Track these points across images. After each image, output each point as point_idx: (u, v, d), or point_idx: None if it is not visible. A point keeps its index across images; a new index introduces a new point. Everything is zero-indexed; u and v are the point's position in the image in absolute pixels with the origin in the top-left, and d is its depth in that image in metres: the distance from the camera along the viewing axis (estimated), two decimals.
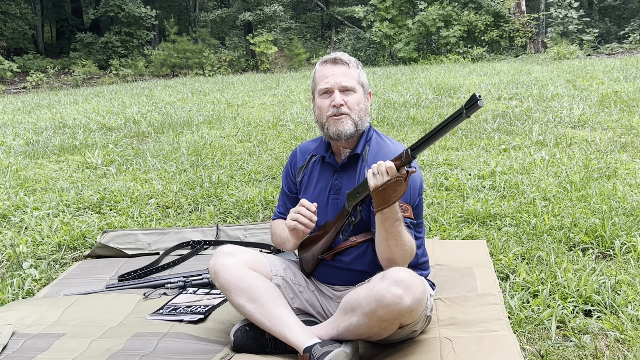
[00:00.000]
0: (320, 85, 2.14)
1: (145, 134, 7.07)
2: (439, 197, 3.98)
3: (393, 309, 1.84)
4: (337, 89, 2.11)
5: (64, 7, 26.95)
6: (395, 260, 1.98)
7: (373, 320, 1.90)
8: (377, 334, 1.97)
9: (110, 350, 2.14)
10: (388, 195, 1.86)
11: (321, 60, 2.21)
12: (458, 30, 17.97)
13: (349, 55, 2.19)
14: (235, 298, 2.08)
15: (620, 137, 5.50)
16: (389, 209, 1.90)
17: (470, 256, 2.93)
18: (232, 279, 2.07)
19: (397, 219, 1.93)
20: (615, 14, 24.17)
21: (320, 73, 2.16)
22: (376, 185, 1.87)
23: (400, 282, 1.84)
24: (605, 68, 11.09)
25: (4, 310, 2.55)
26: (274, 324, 2.04)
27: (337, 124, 2.10)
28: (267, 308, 2.05)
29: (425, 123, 6.62)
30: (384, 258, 2.01)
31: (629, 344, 2.10)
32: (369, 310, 1.88)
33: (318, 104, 2.16)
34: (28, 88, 17.90)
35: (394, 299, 1.83)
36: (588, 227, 3.17)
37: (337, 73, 2.12)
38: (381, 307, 1.85)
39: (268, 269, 2.18)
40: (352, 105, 2.11)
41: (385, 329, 1.93)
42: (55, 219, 3.91)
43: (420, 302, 1.89)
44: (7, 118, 9.20)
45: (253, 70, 21.22)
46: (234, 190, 4.41)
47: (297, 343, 1.99)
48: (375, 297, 1.86)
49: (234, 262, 2.10)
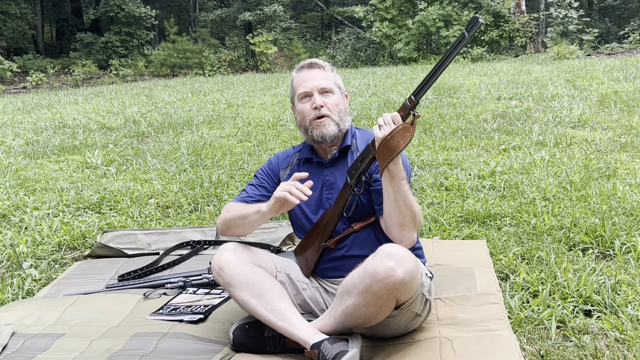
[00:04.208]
0: (299, 90, 2.22)
1: (145, 134, 7.06)
2: (439, 197, 3.98)
3: (387, 282, 1.86)
4: (316, 91, 2.19)
5: (64, 7, 26.95)
6: (406, 225, 2.02)
7: (368, 298, 1.90)
8: (374, 315, 1.96)
9: (110, 350, 2.14)
10: (396, 143, 1.92)
11: (297, 67, 2.29)
12: (458, 30, 17.96)
13: (323, 61, 2.29)
14: (240, 294, 2.08)
15: (620, 137, 5.50)
16: (395, 166, 1.97)
17: (470, 256, 2.93)
18: (237, 275, 2.08)
19: (403, 177, 2.00)
20: (615, 14, 24.18)
21: (298, 79, 2.24)
22: (384, 136, 1.94)
23: (392, 255, 1.88)
24: (605, 68, 11.08)
25: (4, 310, 2.55)
26: (279, 319, 2.04)
27: (321, 127, 2.17)
28: (272, 303, 2.06)
29: (425, 123, 6.62)
30: (395, 224, 2.03)
31: (629, 344, 2.10)
32: (364, 287, 1.90)
33: (299, 109, 2.22)
34: (28, 88, 17.90)
35: (386, 271, 1.85)
36: (588, 227, 3.17)
37: (315, 76, 2.20)
38: (375, 281, 1.87)
39: (272, 266, 2.20)
40: (332, 107, 2.19)
41: (381, 307, 1.93)
42: (55, 219, 3.91)
43: (413, 275, 1.90)
44: (7, 118, 9.20)
45: (253, 70, 21.22)
46: (234, 190, 4.41)
47: (304, 339, 1.99)
48: (368, 273, 1.88)
49: (238, 258, 2.10)
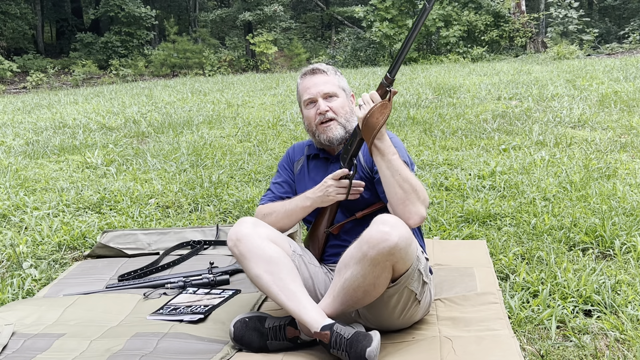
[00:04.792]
0: (304, 96, 2.29)
1: (145, 133, 7.06)
2: (439, 197, 3.98)
3: (382, 247, 1.89)
4: (320, 97, 2.25)
5: (64, 7, 26.94)
6: (409, 199, 2.03)
7: (365, 266, 1.93)
8: (372, 286, 1.98)
9: (110, 350, 2.14)
10: (375, 120, 2.00)
11: (301, 73, 2.35)
12: (458, 30, 17.97)
13: (327, 64, 2.36)
14: (253, 267, 2.09)
15: (620, 137, 5.50)
16: (382, 142, 2.03)
17: (470, 256, 2.93)
18: (253, 248, 2.08)
19: (393, 152, 2.04)
20: (615, 14, 24.19)
21: (302, 85, 2.31)
22: (364, 115, 2.02)
23: (387, 222, 1.93)
24: (605, 68, 11.08)
25: (4, 310, 2.55)
26: (289, 299, 2.05)
27: (327, 131, 2.24)
28: (285, 282, 2.07)
29: (425, 123, 6.62)
30: (398, 202, 2.04)
31: (629, 344, 2.10)
32: (361, 255, 1.94)
33: (305, 115, 2.30)
34: (28, 88, 17.89)
35: (382, 235, 1.90)
36: (588, 227, 3.17)
37: (318, 82, 2.27)
38: (371, 247, 1.91)
39: (287, 246, 2.20)
40: (337, 110, 2.25)
41: (378, 277, 1.95)
42: (55, 219, 3.91)
43: (408, 241, 1.94)
44: (7, 118, 9.20)
45: (253, 70, 21.21)
46: (234, 190, 4.41)
47: (313, 320, 2.00)
48: (364, 239, 1.94)
49: (256, 233, 2.12)
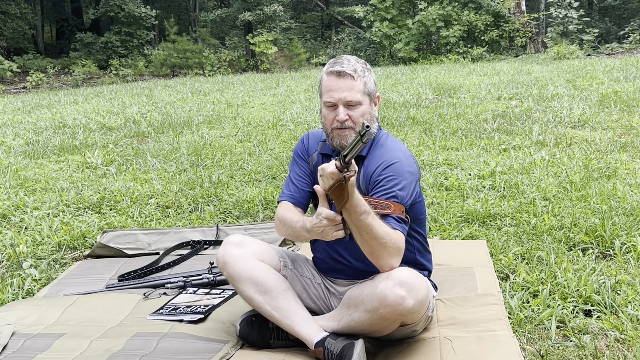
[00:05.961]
0: (325, 97, 2.10)
1: (145, 134, 7.06)
2: (439, 197, 3.98)
3: (395, 309, 1.88)
4: (342, 105, 2.06)
5: (64, 7, 26.92)
6: (378, 255, 1.93)
7: (375, 318, 1.94)
8: (377, 331, 2.02)
9: (110, 350, 2.14)
10: (336, 198, 1.83)
11: (328, 68, 2.12)
12: (458, 30, 17.95)
13: (356, 61, 2.10)
14: (244, 289, 2.10)
15: (620, 137, 5.50)
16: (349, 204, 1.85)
17: (470, 256, 2.93)
18: (241, 270, 2.09)
19: (361, 212, 1.87)
20: (615, 14, 24.18)
21: (325, 84, 2.10)
22: (324, 188, 1.86)
23: (404, 284, 1.87)
24: (605, 68, 11.08)
25: (4, 310, 2.55)
26: (283, 317, 2.07)
27: (341, 138, 2.08)
28: (276, 301, 2.08)
29: (425, 123, 6.62)
30: (367, 254, 1.96)
31: (629, 344, 2.10)
32: (372, 307, 1.92)
33: (324, 113, 2.13)
34: (28, 88, 17.88)
35: (397, 299, 1.87)
36: (588, 227, 3.17)
37: (342, 87, 2.06)
38: (384, 306, 1.89)
39: (277, 260, 2.19)
40: (357, 119, 2.07)
41: (386, 327, 1.98)
42: (55, 219, 3.90)
43: (423, 303, 1.94)
44: (7, 118, 9.20)
45: (253, 70, 21.19)
46: (234, 190, 4.41)
47: (307, 338, 2.03)
48: (378, 296, 1.90)
49: (242, 253, 2.11)
